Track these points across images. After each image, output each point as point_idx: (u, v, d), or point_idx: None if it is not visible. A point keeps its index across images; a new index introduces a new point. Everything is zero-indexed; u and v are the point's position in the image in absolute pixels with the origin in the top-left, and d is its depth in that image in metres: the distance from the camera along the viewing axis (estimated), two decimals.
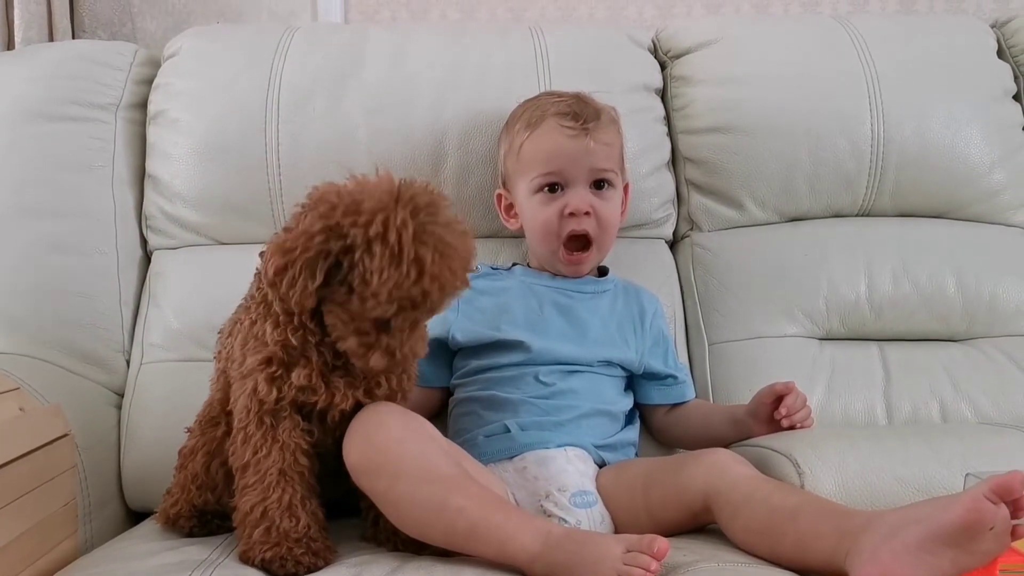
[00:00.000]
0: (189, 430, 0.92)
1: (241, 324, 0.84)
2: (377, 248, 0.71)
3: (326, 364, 0.80)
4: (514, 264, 1.15)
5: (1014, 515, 0.64)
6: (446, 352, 1.06)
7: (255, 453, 0.80)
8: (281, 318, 0.79)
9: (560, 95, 1.09)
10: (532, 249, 1.12)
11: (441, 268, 0.72)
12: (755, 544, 0.77)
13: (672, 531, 0.85)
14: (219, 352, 0.90)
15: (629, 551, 0.71)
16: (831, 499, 0.80)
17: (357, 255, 0.72)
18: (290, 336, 0.79)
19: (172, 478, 0.93)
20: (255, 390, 0.80)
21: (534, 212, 1.06)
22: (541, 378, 1.00)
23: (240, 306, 0.89)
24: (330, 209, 0.73)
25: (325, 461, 0.84)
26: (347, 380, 0.81)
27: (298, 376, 0.79)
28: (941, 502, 0.67)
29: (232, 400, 0.83)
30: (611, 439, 1.00)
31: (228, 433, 0.84)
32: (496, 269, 1.13)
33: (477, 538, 0.76)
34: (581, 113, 1.05)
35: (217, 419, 0.88)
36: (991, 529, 0.63)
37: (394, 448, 0.79)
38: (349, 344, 0.78)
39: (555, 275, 1.10)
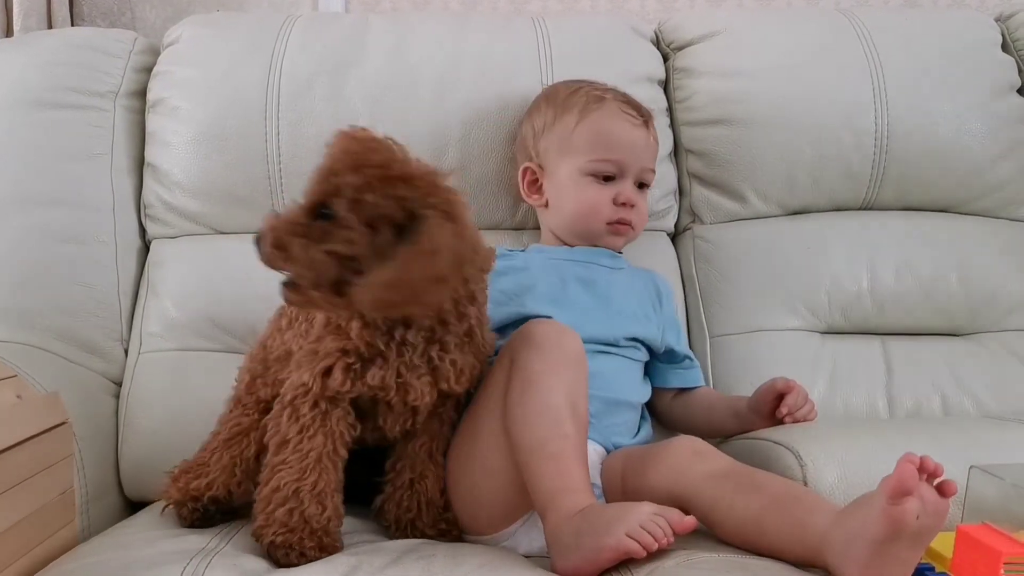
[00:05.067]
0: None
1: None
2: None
3: (406, 364, 0.80)
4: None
5: (930, 479, 0.66)
6: None
7: (301, 432, 0.79)
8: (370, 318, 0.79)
9: (600, 84, 1.11)
10: (564, 225, 1.09)
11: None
12: (739, 544, 0.77)
13: None
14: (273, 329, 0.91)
15: (656, 514, 0.73)
16: (832, 492, 0.80)
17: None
18: (375, 339, 0.79)
19: (200, 448, 0.91)
20: (326, 374, 0.79)
21: (583, 194, 1.06)
22: None
23: None
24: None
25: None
26: (428, 379, 0.81)
27: (373, 376, 0.79)
28: (861, 514, 0.67)
29: (287, 372, 0.83)
30: (633, 440, 0.98)
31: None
32: (512, 251, 1.10)
33: (544, 469, 0.78)
34: (639, 105, 1.10)
35: (256, 402, 0.89)
36: (917, 518, 0.64)
37: (572, 359, 0.84)
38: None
39: (573, 246, 1.08)
